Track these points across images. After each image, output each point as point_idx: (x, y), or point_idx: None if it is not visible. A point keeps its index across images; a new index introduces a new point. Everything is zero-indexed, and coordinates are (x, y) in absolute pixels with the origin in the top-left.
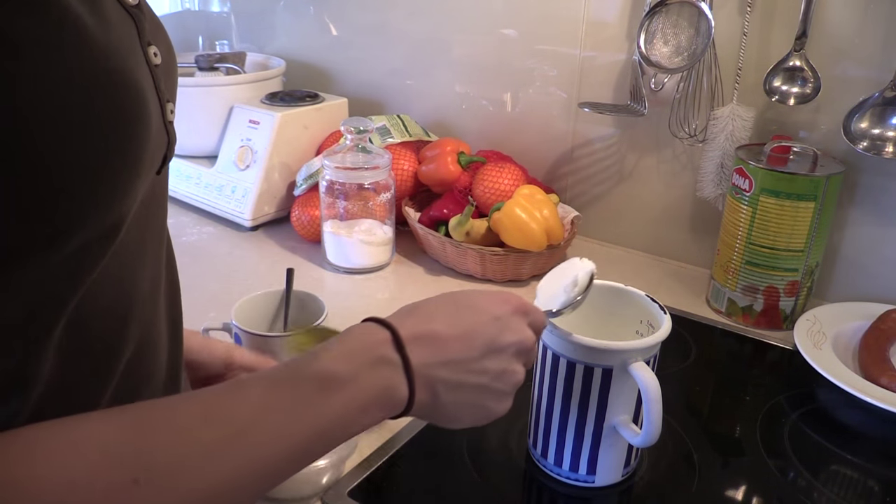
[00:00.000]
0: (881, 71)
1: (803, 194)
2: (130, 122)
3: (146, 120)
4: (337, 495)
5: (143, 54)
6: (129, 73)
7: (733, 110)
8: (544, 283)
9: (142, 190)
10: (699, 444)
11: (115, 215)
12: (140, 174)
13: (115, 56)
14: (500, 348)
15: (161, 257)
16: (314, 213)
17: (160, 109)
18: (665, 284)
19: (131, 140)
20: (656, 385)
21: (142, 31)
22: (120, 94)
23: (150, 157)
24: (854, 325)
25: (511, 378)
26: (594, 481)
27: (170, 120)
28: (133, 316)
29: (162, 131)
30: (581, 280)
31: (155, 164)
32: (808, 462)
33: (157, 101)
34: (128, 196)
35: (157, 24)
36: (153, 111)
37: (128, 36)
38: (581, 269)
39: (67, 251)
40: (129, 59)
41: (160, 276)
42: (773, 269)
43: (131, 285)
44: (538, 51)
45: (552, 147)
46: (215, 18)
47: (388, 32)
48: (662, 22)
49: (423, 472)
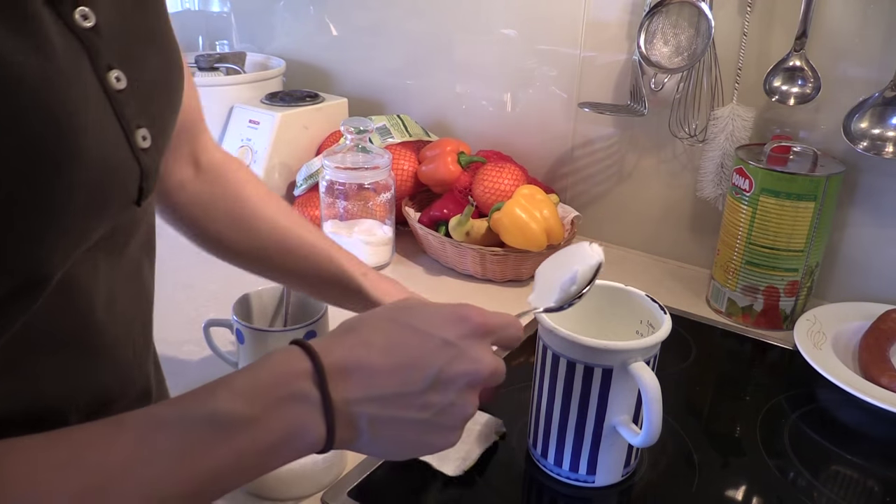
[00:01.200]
0: (881, 71)
1: (803, 194)
2: (47, 163)
3: (73, 158)
4: (337, 495)
5: (99, 80)
6: (51, 108)
7: (733, 110)
8: (545, 268)
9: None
10: (699, 444)
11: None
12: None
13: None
14: (449, 380)
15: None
16: (314, 213)
17: (124, 138)
18: (665, 284)
19: (49, 181)
20: (656, 385)
21: (95, 55)
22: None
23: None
24: (854, 325)
25: (459, 412)
26: (594, 481)
27: (141, 147)
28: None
29: (129, 161)
30: (581, 276)
31: (123, 198)
32: (808, 462)
33: (115, 130)
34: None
35: (140, 42)
36: (93, 145)
37: (72, 62)
38: (584, 263)
39: None
40: (59, 91)
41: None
42: (773, 269)
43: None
44: (538, 51)
45: (552, 147)
46: (215, 18)
47: (388, 32)
48: (662, 22)
49: (423, 473)
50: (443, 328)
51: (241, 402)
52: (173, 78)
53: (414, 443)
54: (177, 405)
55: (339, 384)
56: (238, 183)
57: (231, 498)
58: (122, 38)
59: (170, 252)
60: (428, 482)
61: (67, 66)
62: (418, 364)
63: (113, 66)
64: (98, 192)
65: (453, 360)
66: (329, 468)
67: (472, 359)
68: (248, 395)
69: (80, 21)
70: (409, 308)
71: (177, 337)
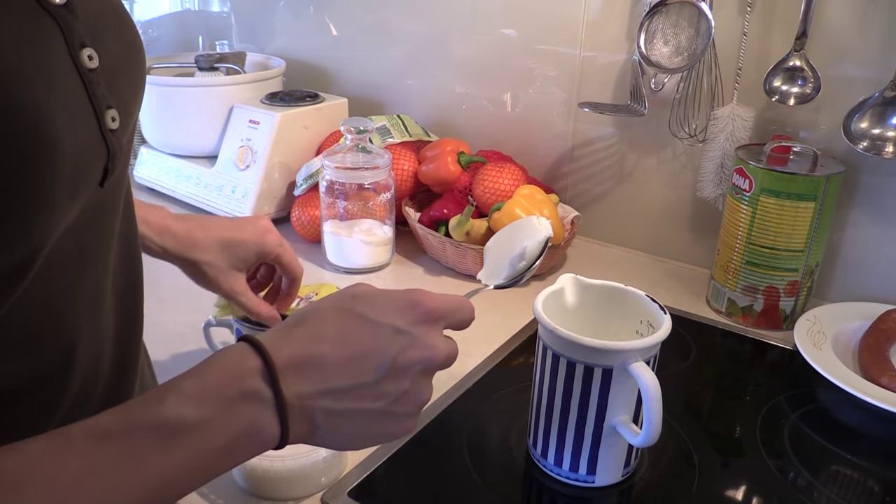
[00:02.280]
0: (881, 71)
1: (803, 194)
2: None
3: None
4: (337, 495)
5: (72, 59)
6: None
7: (733, 110)
8: (493, 244)
9: (63, 214)
10: (699, 444)
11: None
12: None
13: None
14: (403, 368)
15: (108, 266)
16: (314, 213)
17: (95, 120)
18: (665, 284)
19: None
20: (656, 385)
21: (69, 33)
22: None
23: (70, 181)
24: (854, 325)
25: (414, 399)
26: (594, 481)
27: (110, 128)
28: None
29: (98, 144)
30: (530, 252)
31: (89, 181)
32: (808, 462)
33: (87, 112)
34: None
35: (108, 18)
36: (68, 131)
37: (45, 42)
38: (532, 238)
39: None
40: (32, 76)
41: (105, 285)
42: (773, 269)
43: (63, 301)
44: (538, 51)
45: (552, 147)
46: (215, 18)
47: (388, 32)
48: (662, 22)
49: (423, 472)
50: (394, 316)
51: (191, 406)
52: (137, 57)
53: (370, 433)
54: (124, 413)
55: (290, 380)
56: None
57: (231, 498)
58: (91, 15)
59: None
60: (428, 482)
61: (42, 47)
62: (371, 354)
63: (86, 43)
64: (70, 173)
65: (406, 347)
66: (329, 468)
67: (426, 345)
68: (197, 398)
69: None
70: (360, 296)
71: (176, 337)
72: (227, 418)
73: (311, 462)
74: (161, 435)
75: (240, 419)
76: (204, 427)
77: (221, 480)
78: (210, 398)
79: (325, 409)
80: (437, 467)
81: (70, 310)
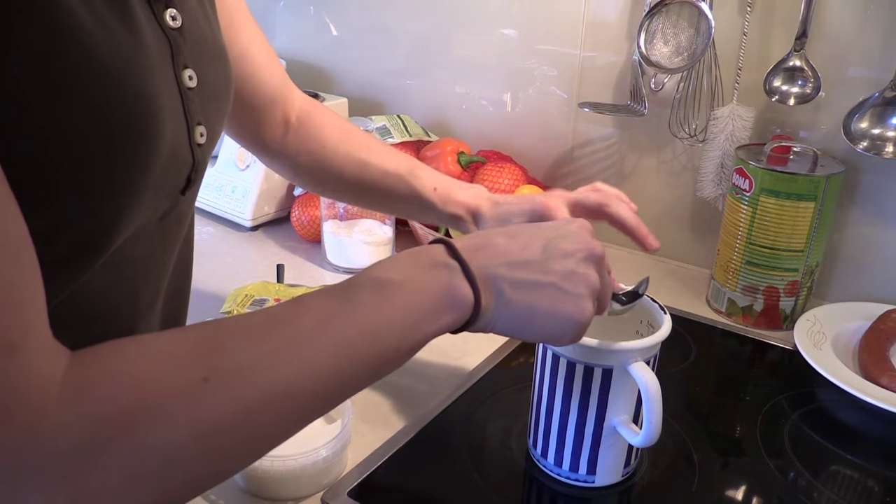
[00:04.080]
0: (881, 71)
1: (803, 194)
2: (131, 138)
3: (153, 139)
4: (337, 495)
5: (175, 76)
6: (140, 90)
7: (733, 110)
8: None
9: (147, 207)
10: (699, 444)
11: (104, 223)
12: (140, 190)
13: (126, 72)
14: (564, 253)
15: (167, 270)
16: (314, 213)
17: (186, 131)
18: (665, 284)
19: (129, 155)
20: (656, 385)
21: (177, 53)
22: (123, 109)
23: (161, 176)
24: (854, 325)
25: (583, 279)
26: (594, 481)
27: (198, 143)
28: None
29: (186, 153)
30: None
31: (173, 184)
32: (808, 462)
33: (182, 123)
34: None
35: (209, 50)
36: (168, 132)
37: (158, 56)
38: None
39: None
40: (148, 77)
41: (161, 287)
42: (773, 269)
43: (127, 292)
44: (538, 51)
45: (552, 147)
46: None
47: (388, 32)
48: (662, 22)
49: (423, 472)
50: (551, 223)
51: (393, 271)
52: (229, 85)
53: (552, 312)
54: (340, 282)
55: (471, 256)
56: (319, 128)
57: (231, 498)
58: (197, 42)
59: None
60: (428, 482)
61: (153, 57)
62: (535, 239)
63: (188, 65)
64: (161, 172)
65: (566, 238)
66: (329, 468)
67: (582, 240)
68: (395, 268)
69: (169, 21)
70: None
71: None
72: (427, 278)
73: (311, 462)
74: (376, 289)
75: (437, 279)
76: (409, 283)
77: None
78: (405, 267)
79: (507, 277)
80: (437, 467)
81: (131, 301)
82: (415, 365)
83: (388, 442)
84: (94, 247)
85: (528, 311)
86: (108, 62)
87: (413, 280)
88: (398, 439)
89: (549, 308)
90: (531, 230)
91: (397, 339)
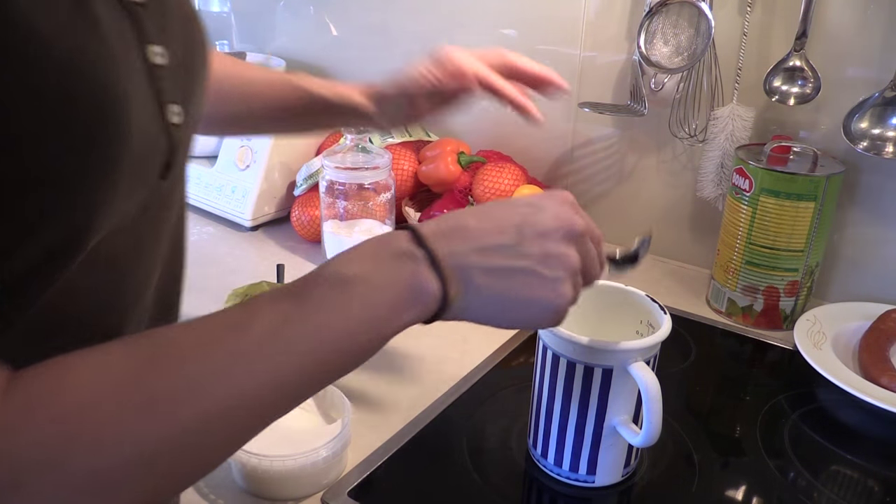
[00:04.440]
0: (881, 71)
1: (803, 194)
2: (94, 131)
3: (118, 129)
4: (337, 495)
5: (142, 56)
6: (99, 79)
7: (733, 110)
8: None
9: (124, 199)
10: (699, 444)
11: (78, 221)
12: (113, 183)
13: (81, 61)
14: (541, 232)
15: (157, 260)
16: (314, 213)
17: (159, 114)
18: (665, 284)
19: (95, 149)
20: (656, 385)
21: (140, 30)
22: (82, 101)
23: (135, 165)
24: (854, 325)
25: (561, 261)
26: (594, 481)
27: (173, 122)
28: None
29: (160, 137)
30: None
31: (149, 171)
32: (808, 462)
33: (152, 106)
34: (97, 204)
35: (178, 19)
36: (136, 119)
37: (118, 37)
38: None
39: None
40: (107, 64)
41: (151, 279)
42: (773, 269)
43: (114, 294)
44: (538, 51)
45: (552, 147)
46: (215, 18)
47: (389, 32)
48: (662, 22)
49: (423, 472)
50: (529, 199)
51: (354, 265)
52: (205, 54)
53: (528, 299)
54: (298, 279)
55: (439, 243)
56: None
57: (231, 498)
58: (163, 15)
59: None
60: (428, 482)
61: (115, 40)
62: (510, 221)
63: (155, 41)
64: (134, 157)
65: (542, 214)
66: (329, 468)
67: (561, 216)
68: (356, 261)
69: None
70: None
71: None
72: (389, 272)
73: (311, 462)
74: (334, 286)
75: (400, 273)
76: (371, 279)
77: (221, 480)
78: (368, 258)
79: (478, 265)
80: (437, 467)
81: (118, 299)
82: (415, 365)
83: (388, 442)
84: (70, 247)
85: (501, 299)
86: (60, 52)
87: (374, 274)
88: (398, 439)
89: (525, 295)
90: (505, 209)
91: (357, 340)
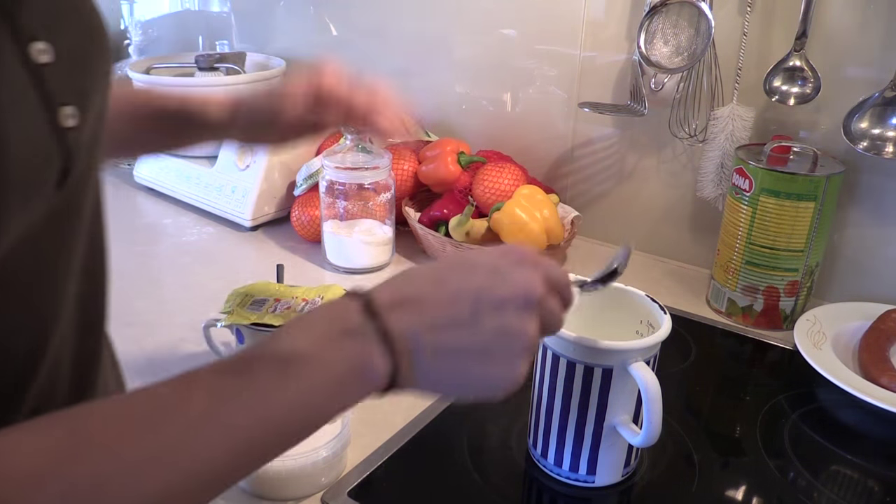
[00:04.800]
0: (881, 71)
1: (803, 194)
2: None
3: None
4: (337, 495)
5: (21, 54)
6: None
7: (733, 110)
8: None
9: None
10: (699, 444)
11: None
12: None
13: None
14: (498, 303)
15: (70, 270)
16: (314, 213)
17: (46, 119)
18: (665, 284)
19: None
20: (656, 385)
21: (17, 25)
22: None
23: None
24: (854, 325)
25: (517, 339)
26: (594, 481)
27: (67, 126)
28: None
29: (49, 143)
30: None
31: (41, 182)
32: (808, 462)
33: (35, 111)
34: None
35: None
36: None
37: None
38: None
39: None
40: None
41: (67, 290)
42: (773, 269)
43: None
44: (538, 51)
45: (552, 147)
46: (215, 18)
47: (389, 32)
48: (662, 22)
49: (423, 472)
50: (488, 259)
51: (302, 341)
52: (100, 47)
53: (476, 374)
54: (242, 353)
55: (392, 316)
56: None
57: (231, 498)
58: (45, 7)
59: (169, 252)
60: (428, 482)
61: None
62: (465, 291)
63: (37, 36)
64: (21, 172)
65: (501, 283)
66: (329, 468)
67: (519, 283)
68: (305, 335)
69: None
70: (458, 253)
71: (176, 337)
72: (337, 352)
73: (311, 462)
74: (279, 367)
75: (348, 353)
76: (316, 359)
77: None
78: (317, 335)
79: (430, 344)
80: (437, 467)
81: (31, 316)
82: None
83: (388, 442)
84: None
85: (453, 376)
86: None
87: (321, 353)
88: (398, 439)
89: (476, 373)
90: (464, 274)
91: (298, 422)
